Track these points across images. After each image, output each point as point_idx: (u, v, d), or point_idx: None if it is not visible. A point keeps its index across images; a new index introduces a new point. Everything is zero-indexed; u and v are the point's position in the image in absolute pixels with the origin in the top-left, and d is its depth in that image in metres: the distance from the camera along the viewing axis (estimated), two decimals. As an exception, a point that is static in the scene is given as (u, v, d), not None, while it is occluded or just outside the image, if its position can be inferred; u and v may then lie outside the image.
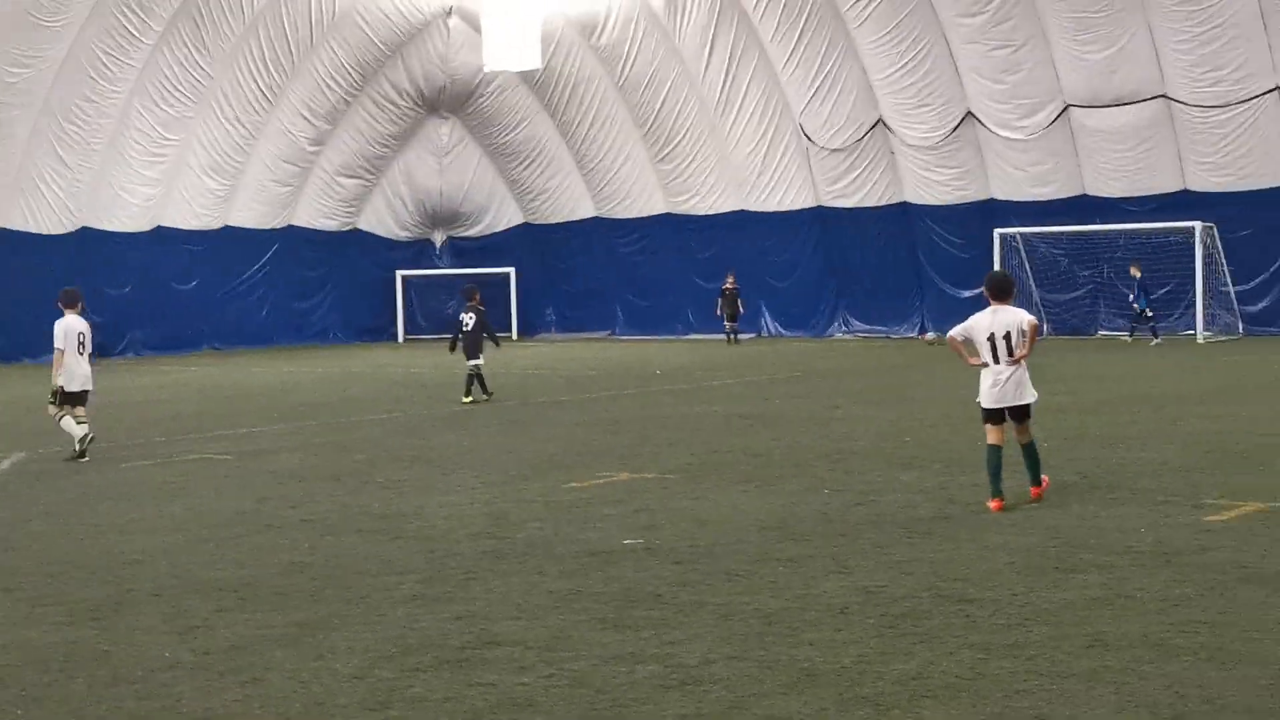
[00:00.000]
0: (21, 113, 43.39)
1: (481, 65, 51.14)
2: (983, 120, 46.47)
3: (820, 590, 10.37)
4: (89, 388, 20.27)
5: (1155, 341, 41.02)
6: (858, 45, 47.64)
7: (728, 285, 49.61)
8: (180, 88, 47.41)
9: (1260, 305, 43.70)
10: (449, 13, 52.59)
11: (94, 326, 46.06)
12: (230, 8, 47.33)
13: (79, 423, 19.65)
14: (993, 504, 13.63)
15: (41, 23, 42.53)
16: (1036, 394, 14.14)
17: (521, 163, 57.03)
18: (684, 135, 52.76)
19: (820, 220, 51.13)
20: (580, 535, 12.81)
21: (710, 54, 50.76)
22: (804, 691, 7.87)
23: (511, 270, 56.08)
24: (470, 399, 27.12)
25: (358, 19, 50.67)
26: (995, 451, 13.89)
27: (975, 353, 14.04)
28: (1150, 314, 42.19)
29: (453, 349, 28.25)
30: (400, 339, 57.12)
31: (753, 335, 51.02)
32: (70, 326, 20.11)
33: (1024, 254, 46.13)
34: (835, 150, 49.82)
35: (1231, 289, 43.25)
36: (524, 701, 7.80)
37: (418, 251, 59.42)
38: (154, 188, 48.46)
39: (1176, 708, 7.41)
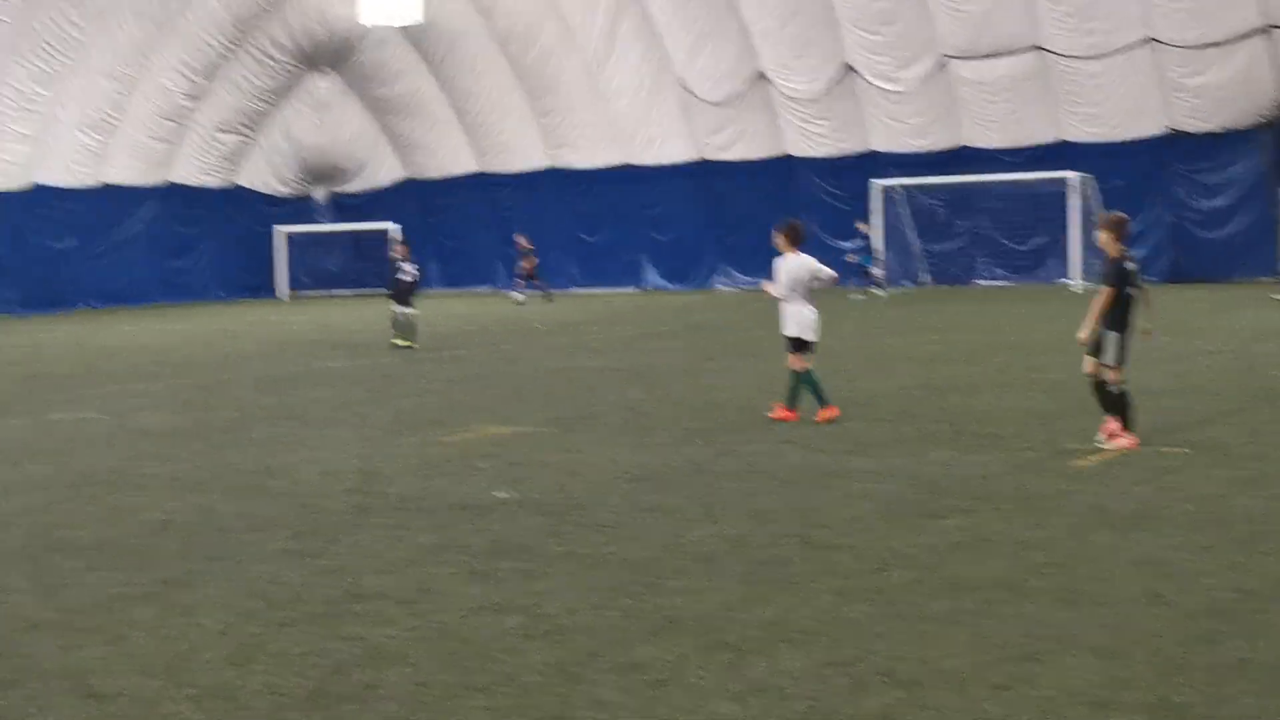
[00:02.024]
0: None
1: (359, 18, 50.67)
2: (861, 72, 46.79)
3: (687, 539, 10.48)
4: None
5: (861, 297, 41.90)
6: (737, -4, 47.76)
7: (521, 244, 48.81)
8: (52, 42, 46.51)
9: (1137, 256, 44.41)
10: (326, -35, 52.09)
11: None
12: (102, -40, 46.54)
13: None
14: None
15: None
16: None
17: (402, 116, 56.68)
18: (564, 88, 52.65)
19: (702, 173, 51.32)
20: (451, 489, 12.84)
21: (590, 5, 50.63)
22: (666, 638, 7.97)
23: (392, 225, 55.76)
24: (405, 343, 28.61)
25: (234, -29, 50.01)
26: (808, 374, 16.59)
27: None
28: (874, 271, 43.11)
29: (394, 296, 29.68)
30: (283, 295, 56.61)
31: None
32: None
33: (904, 205, 46.58)
34: (715, 103, 49.95)
35: (1106, 239, 43.89)
36: (390, 654, 7.83)
37: (299, 208, 58.95)
38: (27, 144, 47.57)
39: (1027, 647, 7.59)
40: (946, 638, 7.82)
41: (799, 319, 16.82)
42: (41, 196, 48.78)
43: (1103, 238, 14.49)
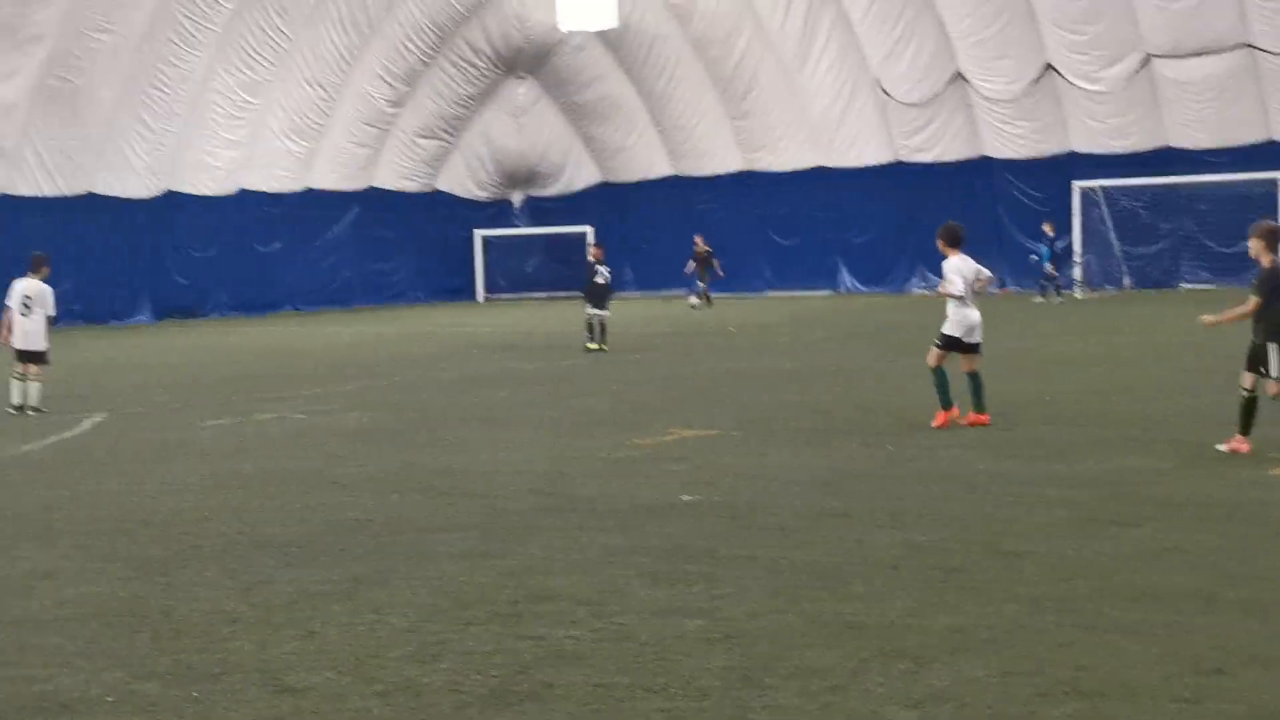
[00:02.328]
0: (106, 78, 43.96)
1: (557, 24, 51.22)
2: (1062, 72, 46.02)
3: (872, 544, 10.45)
4: (29, 347, 20.95)
5: (1058, 300, 41.14)
6: (935, -2, 47.34)
7: (698, 246, 48.84)
8: (260, 51, 47.87)
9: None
10: (524, -28, 52.80)
11: (179, 288, 46.93)
12: (308, -30, 47.76)
13: (22, 378, 20.83)
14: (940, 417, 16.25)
15: (124, -12, 43.06)
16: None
17: (598, 121, 57.15)
18: (760, 91, 52.63)
19: (898, 175, 50.91)
20: (638, 491, 12.95)
21: (786, 7, 50.57)
22: (846, 644, 7.96)
23: (589, 229, 56.22)
24: (596, 346, 29.02)
25: (434, -21, 50.94)
26: (940, 374, 16.49)
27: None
28: (1055, 272, 42.16)
29: (589, 298, 30.09)
30: (480, 298, 57.48)
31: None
32: (14, 289, 21.32)
33: (1104, 207, 45.72)
34: (912, 104, 49.54)
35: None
36: (571, 654, 7.95)
37: (496, 211, 59.80)
38: (236, 150, 48.99)
39: (1217, 661, 7.44)
40: (1134, 649, 7.69)
41: (963, 320, 16.72)
42: (248, 201, 50.18)
43: (1254, 246, 14.21)
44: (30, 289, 21.26)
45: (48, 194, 44.29)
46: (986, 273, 17.04)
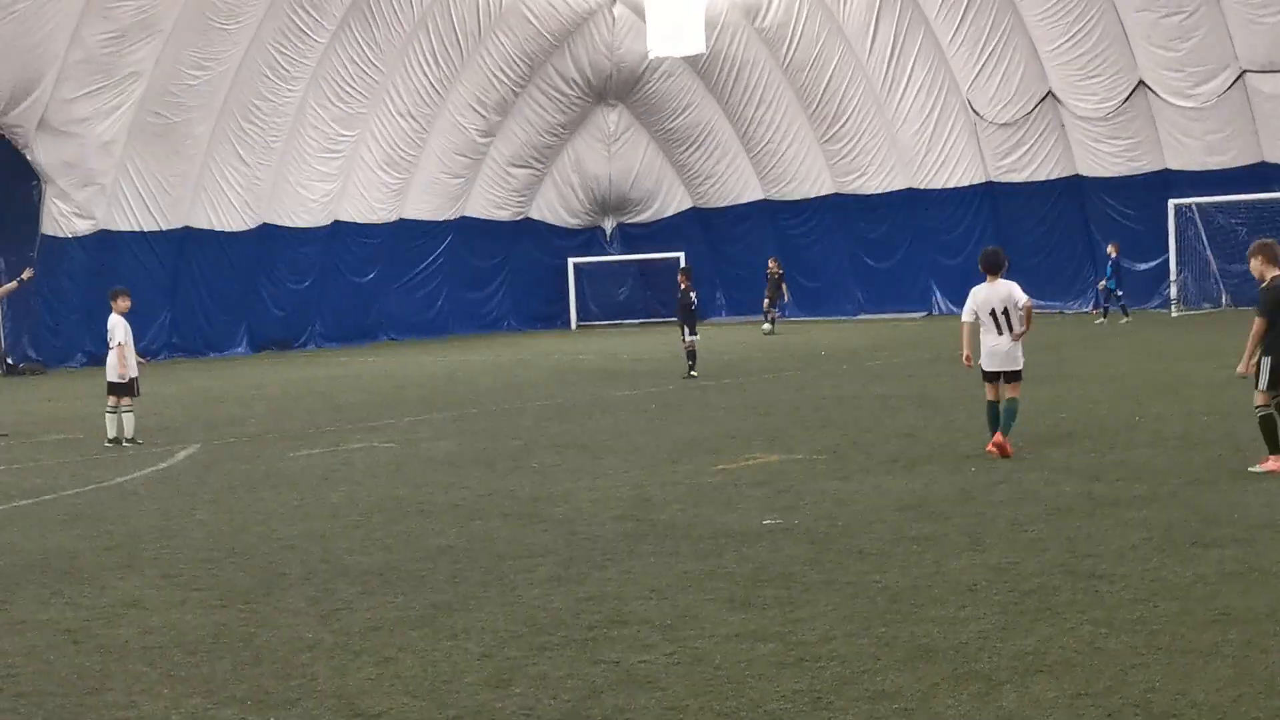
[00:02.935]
0: (202, 114, 44.69)
1: (647, 51, 51.46)
2: (1155, 89, 45.58)
3: (950, 568, 10.43)
4: (111, 379, 21.46)
5: (1124, 320, 40.61)
6: (1024, 17, 47.07)
7: (771, 269, 48.81)
8: (353, 84, 48.46)
9: None
10: (613, 0, 53.01)
11: (275, 320, 47.75)
12: (400, 4, 48.31)
13: (114, 411, 21.31)
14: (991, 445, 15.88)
15: (219, 25, 43.73)
16: (1023, 361, 16.53)
17: (688, 147, 57.29)
18: (850, 114, 52.57)
19: (990, 196, 50.63)
20: (720, 517, 12.99)
21: (875, 32, 50.54)
22: (918, 667, 7.96)
23: (681, 254, 56.30)
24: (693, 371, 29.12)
25: (524, 10, 51.34)
26: (992, 405, 16.24)
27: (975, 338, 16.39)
28: (1120, 293, 41.57)
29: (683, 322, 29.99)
30: (573, 325, 57.74)
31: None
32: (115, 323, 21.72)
33: (1200, 224, 45.18)
34: (1004, 124, 49.28)
35: None
36: (643, 679, 8.00)
37: (588, 238, 60.04)
38: (330, 183, 49.59)
39: (1293, 682, 7.38)
40: (1208, 670, 7.64)
41: (985, 348, 16.44)
42: (343, 232, 50.73)
43: (1255, 265, 14.14)
44: (110, 323, 21.71)
45: (146, 229, 45.03)
46: (1023, 299, 16.30)
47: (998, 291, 16.31)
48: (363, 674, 8.37)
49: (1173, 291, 43.96)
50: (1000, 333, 16.23)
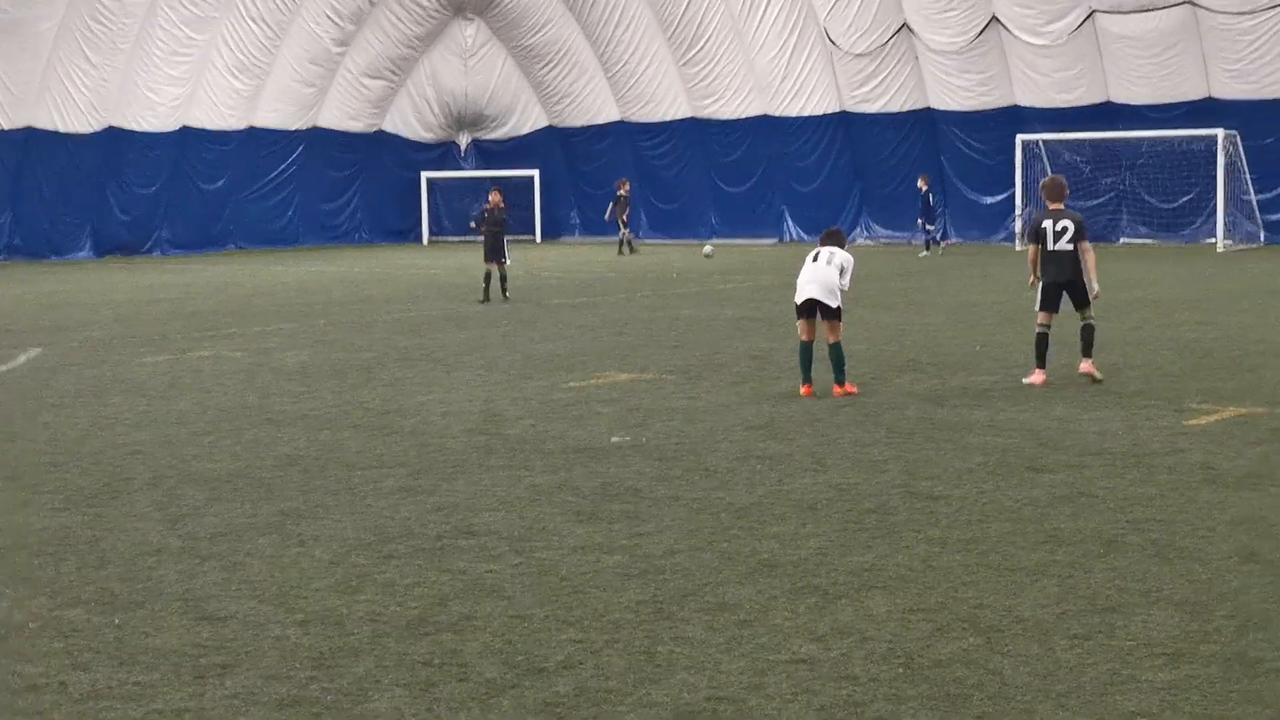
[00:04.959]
0: (48, 10, 43.51)
1: (506, -35, 50.99)
2: (1007, 25, 46.20)
3: (793, 486, 10.67)
4: None
5: (924, 254, 41.49)
6: (884, -53, 47.35)
7: (621, 192, 48.51)
8: (205, -14, 47.46)
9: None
10: (474, -88, 52.48)
11: (121, 225, 46.63)
12: (256, -95, 47.32)
13: None
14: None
15: (66, -79, 42.56)
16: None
17: (546, 65, 56.91)
18: (708, 38, 52.55)
19: (844, 125, 51.03)
20: (570, 432, 13.13)
21: (736, -44, 50.52)
22: (758, 581, 8.19)
23: (536, 173, 56.11)
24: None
25: (382, -82, 50.55)
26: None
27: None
28: (930, 226, 42.54)
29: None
30: (425, 240, 57.38)
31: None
32: None
33: (1046, 160, 45.98)
34: (859, 55, 49.63)
35: (1254, 197, 43.16)
36: (490, 587, 8.14)
37: (443, 153, 59.52)
38: (180, 87, 48.60)
39: (1113, 599, 7.70)
40: (1034, 588, 7.95)
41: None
42: (191, 138, 49.82)
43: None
44: None
45: (-13, 127, 43.93)
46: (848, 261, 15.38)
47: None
48: (210, 578, 8.40)
49: (1017, 225, 44.75)
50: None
